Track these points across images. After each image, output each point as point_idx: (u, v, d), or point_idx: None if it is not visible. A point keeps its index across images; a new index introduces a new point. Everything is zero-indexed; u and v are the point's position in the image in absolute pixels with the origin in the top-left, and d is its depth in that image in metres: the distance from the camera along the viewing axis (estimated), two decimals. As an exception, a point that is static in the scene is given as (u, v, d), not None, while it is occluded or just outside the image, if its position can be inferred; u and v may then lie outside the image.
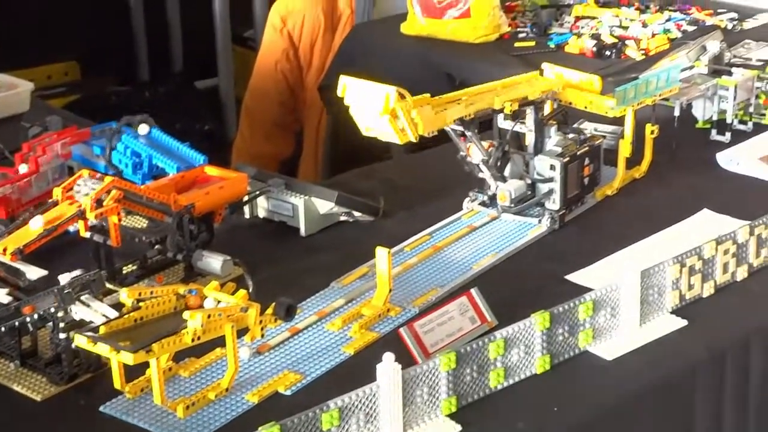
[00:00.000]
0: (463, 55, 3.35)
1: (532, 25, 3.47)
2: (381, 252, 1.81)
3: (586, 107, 2.25)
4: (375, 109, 1.90)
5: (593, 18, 3.51)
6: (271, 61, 4.03)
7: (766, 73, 2.70)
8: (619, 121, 2.32)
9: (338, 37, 3.94)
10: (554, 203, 2.15)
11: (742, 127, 2.59)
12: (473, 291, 1.81)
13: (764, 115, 2.62)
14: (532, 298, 1.91)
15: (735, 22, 3.48)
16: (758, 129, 2.59)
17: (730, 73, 2.57)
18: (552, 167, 2.13)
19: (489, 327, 1.79)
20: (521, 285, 1.97)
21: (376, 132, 1.95)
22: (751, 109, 2.59)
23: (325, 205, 2.14)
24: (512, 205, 2.15)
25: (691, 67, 2.68)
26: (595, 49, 3.22)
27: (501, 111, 2.09)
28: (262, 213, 2.19)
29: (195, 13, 5.15)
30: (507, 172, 2.16)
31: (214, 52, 5.05)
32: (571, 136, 2.20)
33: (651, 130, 2.34)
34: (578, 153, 2.17)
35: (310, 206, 2.14)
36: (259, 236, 2.17)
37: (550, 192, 2.15)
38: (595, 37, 3.30)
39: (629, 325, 1.78)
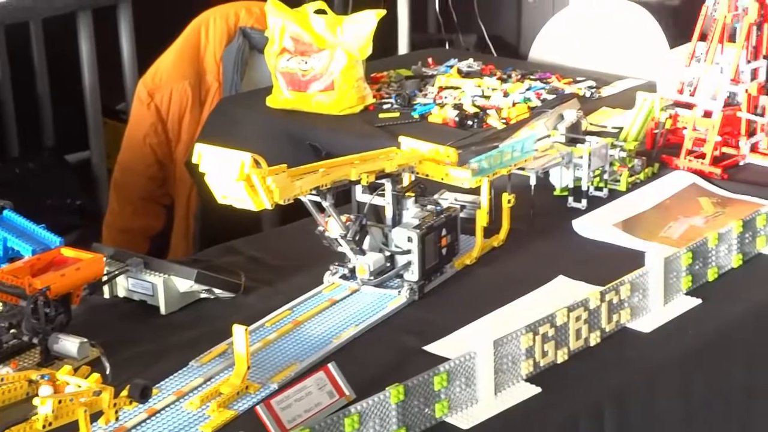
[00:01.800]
0: (328, 127, 3.39)
1: (396, 95, 3.52)
2: (238, 330, 1.82)
3: (442, 179, 2.29)
4: (230, 176, 1.91)
5: (456, 88, 3.57)
6: (139, 135, 4.03)
7: (619, 140, 2.78)
8: (479, 190, 2.37)
9: (206, 110, 3.96)
10: (413, 274, 2.18)
11: (598, 193, 2.65)
12: (331, 365, 1.82)
13: (619, 181, 2.69)
14: (391, 370, 1.93)
15: (593, 90, 3.57)
16: (614, 195, 2.66)
17: (584, 142, 2.64)
18: (409, 239, 2.16)
19: (347, 401, 1.80)
20: (381, 357, 1.99)
21: (232, 199, 1.96)
22: (606, 176, 2.66)
23: (184, 284, 2.14)
24: (372, 278, 2.17)
25: (549, 136, 2.74)
26: (457, 119, 3.28)
27: (358, 182, 2.12)
28: (122, 292, 2.19)
29: (65, 86, 5.11)
30: (366, 244, 2.18)
31: (85, 125, 5.02)
32: (428, 207, 2.24)
33: (508, 200, 2.39)
34: (435, 224, 2.20)
35: (170, 284, 2.14)
36: (119, 316, 2.16)
37: (409, 264, 2.18)
38: (458, 107, 3.36)
39: (484, 394, 1.81)
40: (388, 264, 2.20)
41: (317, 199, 2.09)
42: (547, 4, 5.59)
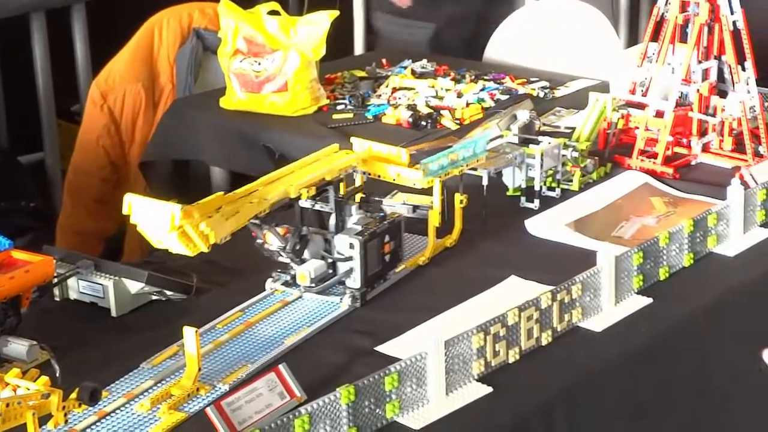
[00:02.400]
0: (282, 129, 3.38)
1: (350, 96, 3.52)
2: (188, 331, 1.82)
3: (394, 179, 2.29)
4: (162, 227, 1.89)
5: (410, 89, 3.57)
6: (93, 137, 4.01)
7: (572, 140, 2.78)
8: (432, 191, 2.37)
9: (160, 112, 3.94)
10: (355, 282, 2.16)
11: (550, 193, 2.66)
12: (281, 366, 1.82)
13: (572, 181, 2.70)
14: (342, 371, 1.93)
15: (547, 90, 3.58)
16: (566, 195, 2.67)
17: (537, 142, 2.65)
18: (351, 246, 2.14)
19: (298, 402, 1.80)
20: (332, 358, 1.99)
21: (168, 245, 1.93)
22: (558, 176, 2.66)
23: (135, 285, 2.13)
24: (313, 285, 2.15)
25: (502, 136, 2.75)
26: (411, 119, 3.28)
27: (299, 198, 2.11)
28: (72, 294, 2.18)
29: (19, 87, 5.08)
30: (307, 252, 2.16)
31: (39, 126, 4.98)
32: (372, 213, 2.22)
33: (460, 200, 2.39)
34: (378, 231, 2.18)
35: (121, 286, 2.13)
36: (70, 318, 2.15)
37: (351, 270, 2.16)
38: (411, 107, 3.36)
39: (435, 394, 1.81)
40: (330, 271, 2.17)
41: (257, 221, 2.08)
42: (501, 5, 5.60)
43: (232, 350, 2.00)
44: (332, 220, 2.19)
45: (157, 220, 1.89)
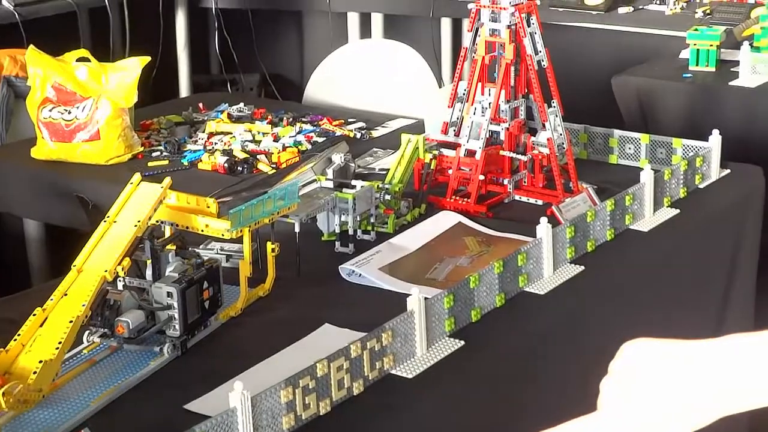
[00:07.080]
0: (96, 178, 3.32)
1: (165, 143, 3.47)
2: (-17, 401, 1.76)
3: (203, 231, 2.26)
4: None
5: (227, 133, 3.54)
6: None
7: (386, 182, 2.78)
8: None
9: (-29, 163, 3.83)
10: (175, 330, 2.14)
11: (365, 237, 2.65)
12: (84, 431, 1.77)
13: (387, 224, 2.69)
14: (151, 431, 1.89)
15: (364, 131, 3.58)
16: (382, 238, 2.66)
17: (352, 186, 2.64)
18: (169, 294, 2.13)
19: (103, 467, 1.76)
20: (141, 419, 1.94)
21: None
22: (372, 219, 2.66)
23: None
24: (133, 336, 2.12)
25: (317, 180, 2.74)
26: (227, 165, 3.25)
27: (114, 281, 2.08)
28: None
29: None
30: (123, 304, 2.13)
31: None
32: (189, 260, 2.20)
33: (272, 248, 2.36)
34: (196, 277, 2.17)
35: None
36: None
37: (170, 319, 2.14)
38: (227, 152, 3.33)
39: (244, 452, 1.78)
40: (150, 320, 2.15)
41: None
42: (324, 44, 5.63)
43: (34, 417, 1.92)
44: (149, 269, 2.15)
45: None
